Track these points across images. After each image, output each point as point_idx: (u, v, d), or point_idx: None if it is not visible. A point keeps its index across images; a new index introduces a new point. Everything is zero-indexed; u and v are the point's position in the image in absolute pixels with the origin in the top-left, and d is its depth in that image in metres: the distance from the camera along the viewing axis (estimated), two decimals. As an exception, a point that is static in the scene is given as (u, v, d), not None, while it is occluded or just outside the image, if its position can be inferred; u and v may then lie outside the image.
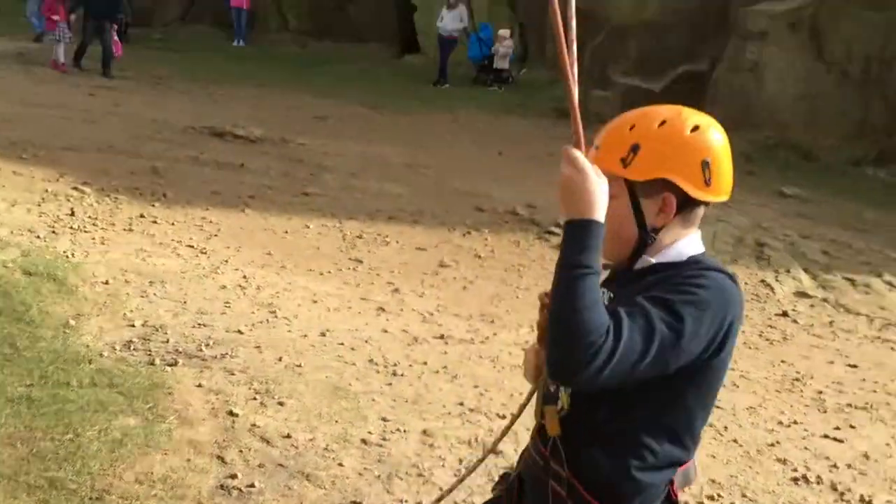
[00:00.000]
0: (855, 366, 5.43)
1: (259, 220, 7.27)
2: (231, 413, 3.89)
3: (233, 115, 11.24)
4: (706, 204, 1.67)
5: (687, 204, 1.64)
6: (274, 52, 18.43)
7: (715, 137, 1.65)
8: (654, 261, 1.66)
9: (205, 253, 6.25)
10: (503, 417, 4.20)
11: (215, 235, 6.72)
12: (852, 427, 4.47)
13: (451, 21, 16.24)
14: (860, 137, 11.65)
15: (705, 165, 1.61)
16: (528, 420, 1.88)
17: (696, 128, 1.64)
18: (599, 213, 1.50)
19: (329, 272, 6.28)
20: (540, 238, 7.71)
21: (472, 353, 5.01)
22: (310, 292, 5.71)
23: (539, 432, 1.77)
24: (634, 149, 1.62)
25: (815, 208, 9.74)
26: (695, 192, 1.63)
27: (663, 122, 1.64)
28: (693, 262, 1.64)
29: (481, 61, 16.35)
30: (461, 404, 4.30)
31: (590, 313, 1.45)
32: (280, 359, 4.54)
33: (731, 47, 12.42)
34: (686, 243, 1.67)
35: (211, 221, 7.04)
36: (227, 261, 6.11)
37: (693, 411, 1.66)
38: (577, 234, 1.50)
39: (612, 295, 1.68)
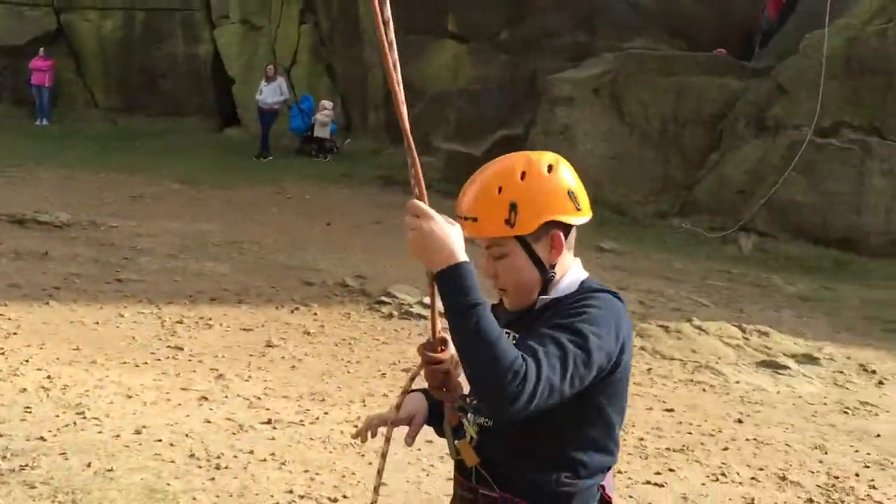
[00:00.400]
0: (672, 409, 5.70)
1: (65, 313, 6.76)
2: (29, 534, 3.51)
3: (35, 199, 10.54)
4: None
5: (567, 232, 1.81)
6: (82, 130, 17.51)
7: (566, 168, 1.81)
8: (550, 297, 1.78)
9: (2, 354, 5.71)
10: (335, 501, 4.05)
11: (14, 333, 6.17)
12: (671, 470, 4.65)
13: (270, 94, 16.14)
14: (663, 192, 12.56)
15: (571, 195, 1.78)
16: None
17: (550, 167, 1.78)
18: (461, 254, 1.58)
19: (146, 363, 5.90)
20: (371, 308, 7.66)
21: (301, 435, 4.82)
22: (123, 387, 5.32)
23: (460, 471, 1.83)
24: (513, 207, 1.72)
25: (630, 261, 10.34)
26: (573, 220, 1.80)
27: (524, 174, 1.76)
28: (583, 288, 1.79)
29: (304, 132, 16.32)
30: (290, 492, 4.11)
31: (500, 344, 1.53)
32: (89, 464, 4.17)
33: (542, 112, 13.13)
34: (575, 272, 1.82)
35: (9, 318, 6.48)
36: (27, 360, 5.60)
37: (610, 420, 1.77)
38: (452, 280, 1.56)
39: (516, 336, 1.75)
